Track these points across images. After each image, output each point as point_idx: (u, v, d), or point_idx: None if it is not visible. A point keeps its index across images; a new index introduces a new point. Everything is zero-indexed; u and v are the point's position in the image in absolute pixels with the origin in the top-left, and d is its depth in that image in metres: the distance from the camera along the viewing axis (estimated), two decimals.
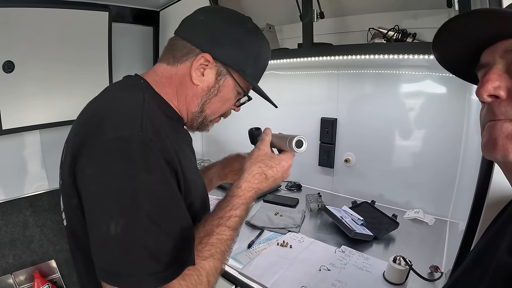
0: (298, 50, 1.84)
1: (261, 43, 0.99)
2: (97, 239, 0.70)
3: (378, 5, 1.84)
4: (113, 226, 0.66)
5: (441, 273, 1.28)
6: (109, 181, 0.70)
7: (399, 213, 1.82)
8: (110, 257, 0.68)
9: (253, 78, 1.01)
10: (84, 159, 0.73)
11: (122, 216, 0.68)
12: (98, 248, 0.70)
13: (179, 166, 0.80)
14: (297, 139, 1.00)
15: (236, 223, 0.88)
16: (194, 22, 0.95)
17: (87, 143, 0.73)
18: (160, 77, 0.94)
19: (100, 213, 0.69)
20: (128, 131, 0.73)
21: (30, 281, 2.36)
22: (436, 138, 1.81)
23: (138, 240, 0.68)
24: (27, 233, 2.34)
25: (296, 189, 2.35)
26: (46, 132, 2.31)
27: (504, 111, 0.55)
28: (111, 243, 0.67)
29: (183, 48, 0.92)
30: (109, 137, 0.72)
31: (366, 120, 2.05)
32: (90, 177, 0.72)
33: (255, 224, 1.75)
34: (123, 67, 2.64)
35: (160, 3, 2.60)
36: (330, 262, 1.41)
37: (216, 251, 0.79)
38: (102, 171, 0.70)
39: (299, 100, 2.36)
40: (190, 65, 0.92)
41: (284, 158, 1.01)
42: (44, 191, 2.39)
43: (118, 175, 0.69)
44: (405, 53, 1.45)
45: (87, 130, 0.76)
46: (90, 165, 0.72)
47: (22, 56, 1.99)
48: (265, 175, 0.97)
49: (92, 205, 0.72)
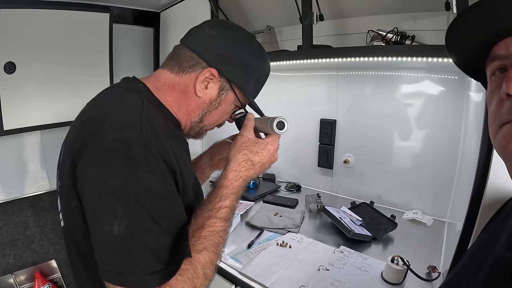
0: (298, 52, 1.85)
1: (264, 64, 1.03)
2: (101, 240, 0.71)
3: (377, 8, 1.85)
4: (117, 226, 0.68)
5: (438, 273, 1.29)
6: (112, 181, 0.71)
7: (397, 213, 1.83)
8: (113, 257, 0.69)
9: (252, 96, 1.05)
10: (84, 160, 0.74)
11: (125, 216, 0.69)
12: (101, 249, 0.71)
13: (177, 167, 0.81)
14: (278, 120, 0.97)
15: (227, 214, 0.88)
16: (204, 36, 0.96)
17: (87, 145, 0.74)
18: (162, 83, 0.95)
19: (103, 214, 0.70)
20: (128, 133, 0.74)
21: (31, 281, 2.37)
22: (434, 139, 1.82)
23: (141, 240, 0.69)
24: (27, 233, 2.35)
25: (295, 190, 2.36)
26: (47, 133, 2.31)
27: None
28: (114, 243, 0.69)
29: (190, 60, 0.94)
30: (110, 139, 0.73)
31: (365, 122, 2.06)
32: (92, 178, 0.73)
33: (254, 224, 1.76)
34: (124, 68, 2.64)
35: (161, 4, 2.61)
36: (329, 262, 1.42)
37: (209, 244, 0.80)
38: (104, 172, 0.71)
39: (298, 101, 2.37)
40: (195, 77, 0.94)
41: (269, 142, 1.00)
42: (45, 191, 2.40)
43: (120, 176, 0.71)
44: (403, 55, 1.46)
45: (87, 132, 0.77)
46: (91, 166, 0.73)
47: (23, 57, 1.99)
48: (251, 162, 0.96)
49: (95, 206, 0.72)
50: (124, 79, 0.99)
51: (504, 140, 0.56)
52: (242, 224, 1.81)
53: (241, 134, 1.01)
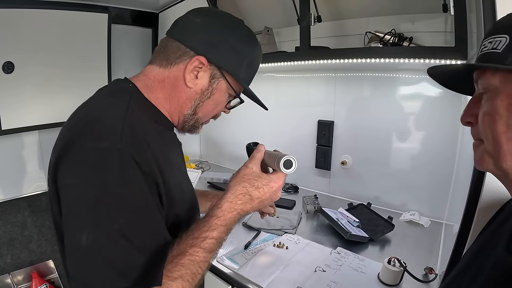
0: (296, 53, 1.85)
1: (254, 48, 0.99)
2: (70, 247, 0.70)
3: (375, 9, 1.85)
4: (85, 237, 0.66)
5: (435, 275, 1.29)
6: (85, 192, 0.69)
7: (395, 215, 1.83)
8: (80, 267, 0.68)
9: (246, 82, 1.00)
10: (63, 168, 0.73)
11: (94, 229, 0.67)
12: (69, 256, 0.70)
13: (160, 178, 0.79)
14: (285, 158, 0.91)
15: (212, 245, 0.82)
16: (189, 25, 0.93)
17: (67, 152, 0.73)
18: (152, 80, 0.93)
19: (73, 223, 0.70)
20: (107, 143, 0.72)
21: (28, 281, 2.37)
22: (432, 141, 1.83)
23: (107, 255, 0.67)
24: (25, 233, 2.35)
25: (293, 191, 2.36)
26: (45, 133, 2.32)
27: (475, 133, 0.66)
28: (81, 253, 0.68)
29: (177, 50, 0.91)
30: (89, 147, 0.71)
31: (363, 123, 2.06)
32: (68, 186, 0.72)
33: (251, 225, 1.76)
34: (122, 69, 2.65)
35: (160, 5, 2.62)
36: (325, 263, 1.42)
37: (186, 273, 0.75)
38: (79, 182, 0.70)
39: (296, 102, 2.38)
40: (184, 67, 0.91)
41: (273, 179, 0.94)
42: (43, 191, 2.40)
43: (94, 187, 0.69)
44: (401, 57, 1.46)
45: (70, 136, 0.76)
46: (68, 174, 0.72)
47: (22, 57, 2.00)
48: (249, 196, 0.91)
49: (68, 214, 0.71)
50: (115, 81, 0.97)
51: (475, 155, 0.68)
52: (239, 225, 1.80)
53: (245, 165, 0.95)
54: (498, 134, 0.58)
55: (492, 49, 0.61)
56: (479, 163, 0.66)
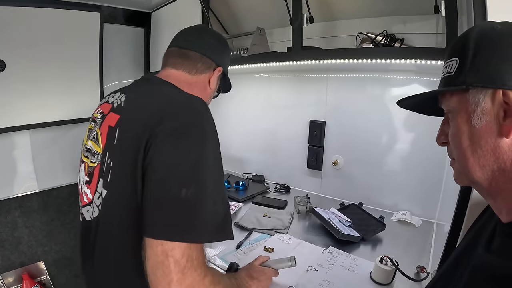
0: (288, 54, 1.85)
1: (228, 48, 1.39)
2: (174, 200, 0.83)
3: (367, 11, 1.86)
4: (191, 191, 0.83)
5: (427, 273, 1.30)
6: (187, 155, 0.85)
7: (386, 215, 1.84)
8: (182, 215, 0.82)
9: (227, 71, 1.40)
10: (163, 135, 0.86)
11: (196, 184, 0.84)
12: (166, 208, 0.83)
13: None
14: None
15: None
16: (208, 43, 1.25)
17: (164, 125, 0.87)
18: (181, 83, 1.14)
19: (177, 182, 0.83)
20: (199, 119, 0.92)
21: (19, 283, 2.34)
22: (423, 141, 1.84)
23: (205, 203, 0.85)
24: (15, 234, 2.33)
25: (284, 191, 2.37)
26: (36, 133, 2.29)
27: (450, 152, 0.73)
28: (186, 204, 0.83)
29: (205, 63, 1.23)
30: (185, 122, 0.90)
31: (354, 123, 2.07)
32: (169, 152, 0.86)
33: (243, 225, 1.76)
34: (114, 68, 2.64)
35: (152, 4, 2.61)
36: (317, 262, 1.43)
37: None
38: (181, 148, 0.86)
39: (288, 103, 2.38)
40: (210, 75, 1.25)
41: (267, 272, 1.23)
42: (33, 191, 2.38)
43: (195, 152, 0.86)
44: (392, 57, 1.47)
45: (162, 114, 0.90)
46: (169, 143, 0.86)
47: (13, 56, 1.98)
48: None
49: (167, 174, 0.84)
50: (154, 78, 1.17)
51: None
52: None
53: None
54: (464, 149, 0.65)
55: (447, 73, 0.68)
56: (456, 180, 0.73)
